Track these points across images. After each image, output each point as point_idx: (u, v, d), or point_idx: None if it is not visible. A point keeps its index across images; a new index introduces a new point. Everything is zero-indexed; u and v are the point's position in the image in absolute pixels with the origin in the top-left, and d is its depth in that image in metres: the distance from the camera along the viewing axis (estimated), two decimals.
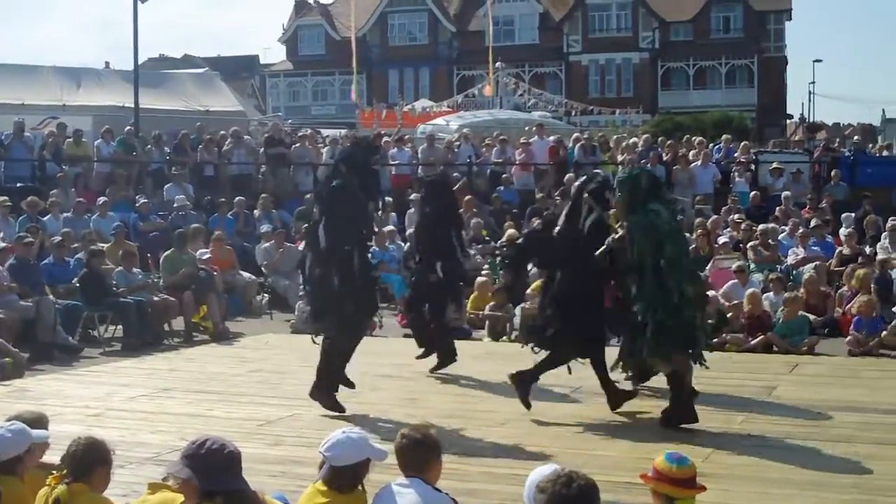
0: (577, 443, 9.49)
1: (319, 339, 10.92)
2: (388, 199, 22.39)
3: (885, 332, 15.10)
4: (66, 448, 5.60)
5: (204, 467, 4.71)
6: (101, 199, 21.59)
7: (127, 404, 11.41)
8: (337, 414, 10.55)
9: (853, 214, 21.44)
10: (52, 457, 5.98)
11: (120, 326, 16.46)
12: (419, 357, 13.22)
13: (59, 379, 13.22)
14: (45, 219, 20.53)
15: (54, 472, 5.61)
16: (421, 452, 5.35)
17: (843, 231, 20.04)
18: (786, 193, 22.59)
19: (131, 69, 30.91)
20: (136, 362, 14.43)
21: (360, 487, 5.34)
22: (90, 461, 5.51)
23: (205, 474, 4.71)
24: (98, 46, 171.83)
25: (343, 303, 10.47)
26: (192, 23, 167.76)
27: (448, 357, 13.08)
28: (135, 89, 29.30)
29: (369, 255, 10.96)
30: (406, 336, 14.04)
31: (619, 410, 10.57)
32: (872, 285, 16.99)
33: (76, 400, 11.59)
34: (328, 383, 10.78)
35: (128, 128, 25.96)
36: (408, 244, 14.01)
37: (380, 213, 11.50)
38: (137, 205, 22.17)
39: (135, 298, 16.24)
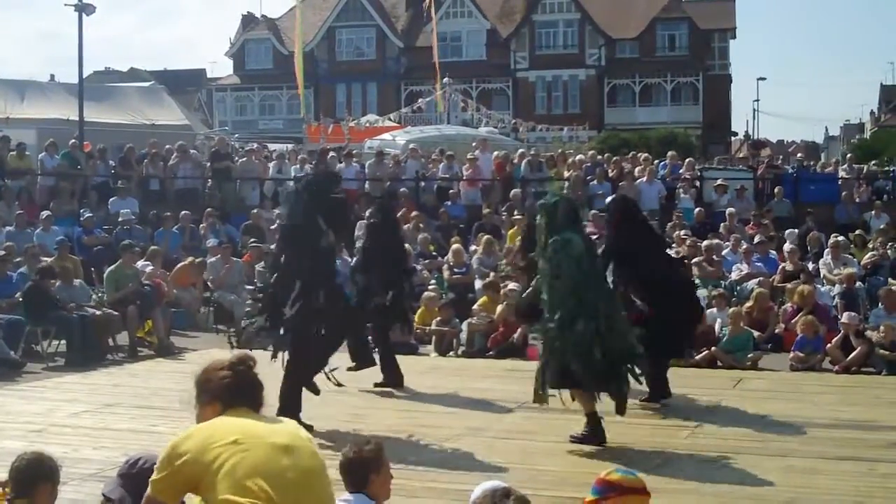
0: (522, 458, 9.51)
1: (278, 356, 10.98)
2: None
3: (829, 345, 15.25)
4: (11, 464, 5.53)
5: (136, 487, 4.69)
6: (45, 213, 21.42)
7: (70, 420, 11.30)
8: None
9: (796, 231, 21.68)
10: None
11: (63, 341, 16.30)
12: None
13: (1, 394, 13.06)
14: None
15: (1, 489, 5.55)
16: (361, 468, 5.36)
17: (786, 247, 20.23)
18: (730, 210, 22.77)
19: (76, 82, 30.71)
20: (79, 377, 14.29)
21: None
22: (33, 477, 5.43)
23: (137, 494, 4.68)
24: (43, 59, 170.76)
25: (297, 325, 10.64)
26: (139, 36, 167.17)
27: (393, 380, 13.07)
28: (79, 102, 29.10)
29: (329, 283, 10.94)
30: None
31: (566, 427, 10.57)
32: (838, 300, 17.20)
33: (18, 415, 11.47)
34: (291, 404, 10.77)
35: (72, 141, 25.74)
36: (355, 258, 13.94)
37: (342, 244, 11.47)
38: (82, 219, 21.98)
39: (78, 313, 16.09)
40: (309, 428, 10.51)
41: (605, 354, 9.70)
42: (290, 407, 10.76)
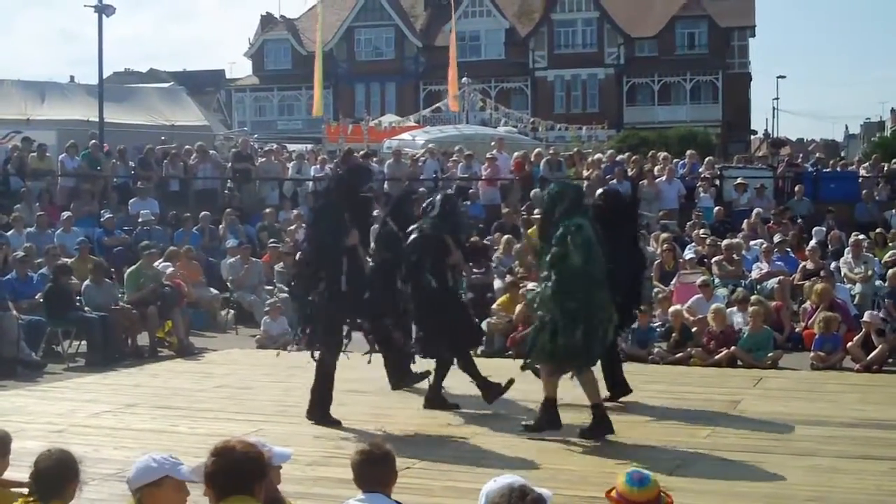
0: (542, 457, 9.50)
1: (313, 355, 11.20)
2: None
3: (850, 344, 15.16)
4: (35, 465, 5.51)
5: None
6: (66, 214, 21.49)
7: (91, 420, 11.35)
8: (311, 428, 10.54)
9: (823, 228, 21.60)
10: (15, 473, 5.92)
11: (84, 342, 16.36)
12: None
13: (22, 395, 13.13)
14: (9, 234, 20.41)
15: (20, 489, 5.54)
16: (381, 468, 5.35)
17: (810, 244, 20.15)
18: (757, 210, 22.68)
19: (96, 83, 30.81)
20: (99, 378, 14.34)
21: None
22: (65, 478, 5.44)
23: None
24: (63, 60, 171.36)
25: (319, 319, 10.94)
26: (158, 37, 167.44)
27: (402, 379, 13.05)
28: (99, 103, 29.21)
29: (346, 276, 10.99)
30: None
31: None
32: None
33: (39, 416, 11.51)
34: (322, 399, 11.06)
35: (93, 142, 25.81)
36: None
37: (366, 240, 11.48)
38: (102, 220, 22.04)
39: (99, 314, 16.14)
40: (337, 423, 10.67)
41: (585, 335, 9.82)
42: (320, 403, 10.92)
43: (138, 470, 4.95)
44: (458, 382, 12.36)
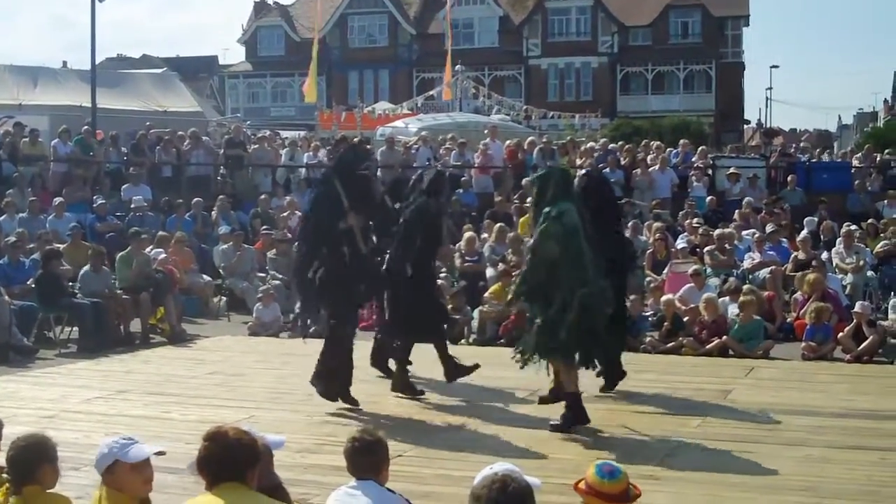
0: (535, 445, 9.51)
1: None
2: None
3: (841, 335, 15.18)
4: (7, 452, 5.50)
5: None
6: (58, 200, 21.45)
7: (82, 406, 11.34)
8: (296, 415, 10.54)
9: (814, 218, 21.64)
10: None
11: (76, 328, 16.34)
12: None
13: (14, 380, 13.12)
14: (1, 219, 20.38)
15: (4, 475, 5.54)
16: (373, 455, 5.37)
17: (802, 234, 20.19)
18: (748, 199, 22.70)
19: (89, 69, 30.72)
20: (91, 364, 14.34)
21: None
22: (33, 461, 5.41)
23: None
24: (55, 46, 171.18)
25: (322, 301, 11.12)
26: (151, 23, 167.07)
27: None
28: (92, 89, 29.10)
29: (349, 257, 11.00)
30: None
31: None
32: None
33: (31, 402, 11.51)
34: (343, 380, 11.19)
35: (85, 127, 25.74)
36: None
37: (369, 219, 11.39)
38: (95, 205, 21.99)
39: (91, 300, 16.12)
40: (355, 402, 11.03)
41: (573, 331, 9.70)
42: (340, 382, 11.09)
43: (97, 458, 5.15)
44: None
